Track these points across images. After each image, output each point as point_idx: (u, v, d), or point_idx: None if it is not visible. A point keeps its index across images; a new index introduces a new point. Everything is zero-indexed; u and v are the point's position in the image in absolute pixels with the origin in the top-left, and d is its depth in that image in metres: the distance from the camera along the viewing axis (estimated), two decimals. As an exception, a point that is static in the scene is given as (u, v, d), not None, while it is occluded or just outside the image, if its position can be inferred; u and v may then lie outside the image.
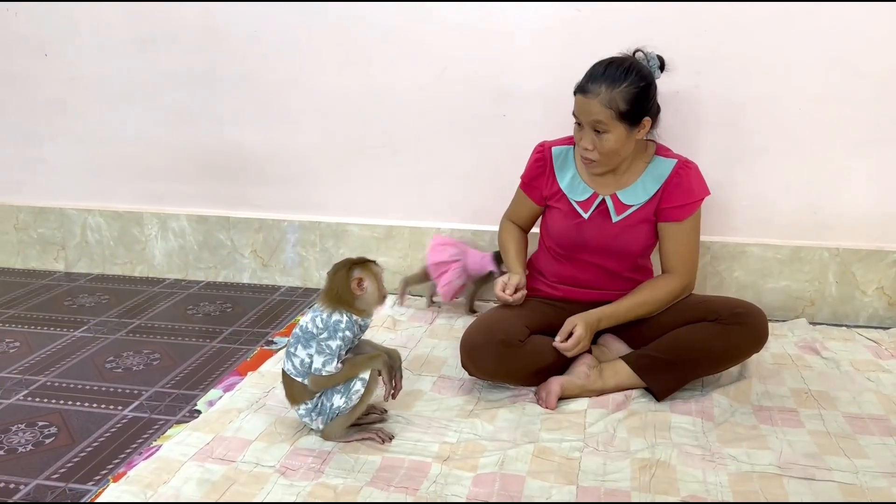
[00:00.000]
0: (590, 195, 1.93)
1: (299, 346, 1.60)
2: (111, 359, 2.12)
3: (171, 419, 1.78)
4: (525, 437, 1.66)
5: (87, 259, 2.91)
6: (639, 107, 1.79)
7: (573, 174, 1.96)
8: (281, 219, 2.73)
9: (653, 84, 1.84)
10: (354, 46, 2.51)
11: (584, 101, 1.79)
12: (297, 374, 1.60)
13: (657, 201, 1.90)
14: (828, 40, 2.22)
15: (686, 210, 1.89)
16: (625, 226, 1.91)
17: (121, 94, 2.72)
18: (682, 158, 1.92)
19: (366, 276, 1.61)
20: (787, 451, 1.61)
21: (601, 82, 1.77)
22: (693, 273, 1.95)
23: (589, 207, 1.93)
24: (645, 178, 1.91)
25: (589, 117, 1.79)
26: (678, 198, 1.88)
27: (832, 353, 2.13)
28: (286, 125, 2.64)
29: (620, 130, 1.79)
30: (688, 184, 1.89)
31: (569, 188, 1.95)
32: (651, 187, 1.90)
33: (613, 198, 1.92)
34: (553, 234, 1.99)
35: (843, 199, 2.36)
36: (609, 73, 1.78)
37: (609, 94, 1.75)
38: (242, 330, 2.35)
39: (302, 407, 1.63)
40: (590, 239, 1.92)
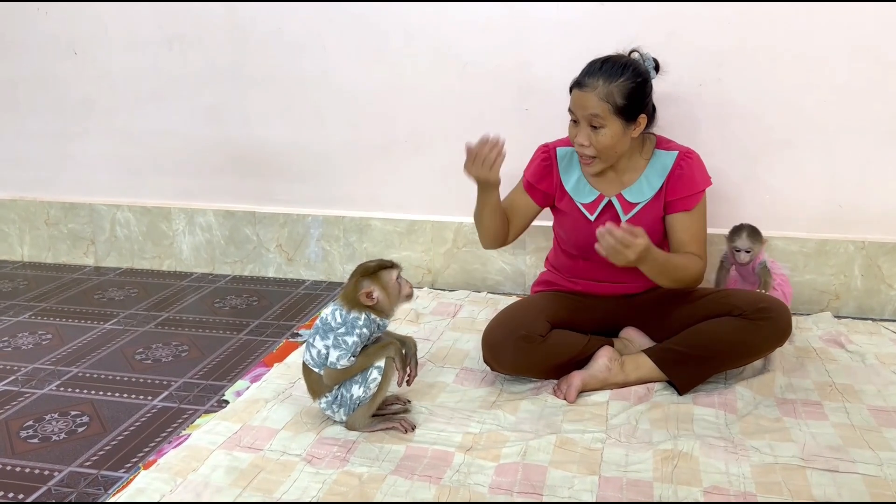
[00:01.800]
0: (595, 197, 1.92)
1: (317, 337, 1.63)
2: (140, 350, 2.17)
3: (200, 409, 1.81)
4: (547, 428, 1.67)
5: (117, 253, 2.96)
6: (635, 102, 1.78)
7: (578, 176, 1.94)
8: (306, 213, 2.76)
9: (649, 82, 1.84)
10: (379, 42, 2.53)
11: (580, 96, 1.79)
12: (314, 365, 1.63)
13: (663, 195, 1.89)
14: (853, 30, 2.20)
15: (692, 200, 1.88)
16: (635, 224, 1.87)
17: (149, 91, 2.77)
18: (682, 148, 1.90)
19: (375, 288, 1.62)
20: (811, 444, 1.61)
21: (598, 76, 1.77)
22: (706, 258, 1.90)
23: (595, 209, 1.92)
24: (648, 173, 1.89)
25: (585, 111, 1.78)
26: (683, 189, 1.87)
27: (857, 347, 2.12)
28: (311, 121, 2.67)
29: (617, 125, 1.78)
30: (690, 173, 1.87)
31: (574, 190, 1.94)
32: (655, 182, 1.88)
33: (619, 198, 1.90)
34: (567, 239, 1.99)
35: (868, 192, 2.34)
36: (606, 69, 1.78)
37: (606, 87, 1.75)
38: (268, 323, 2.38)
39: (323, 400, 1.66)
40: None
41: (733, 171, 2.36)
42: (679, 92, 2.22)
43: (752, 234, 2.07)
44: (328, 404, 1.66)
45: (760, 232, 2.09)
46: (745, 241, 2.07)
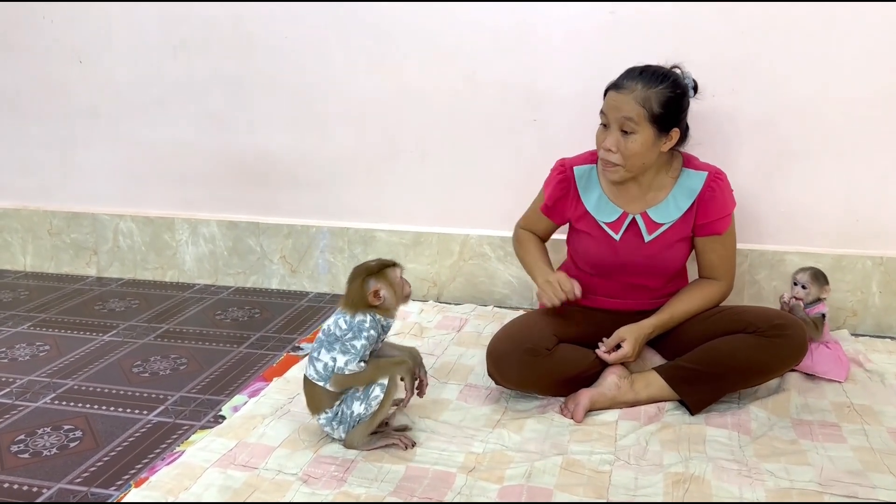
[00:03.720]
0: (619, 215, 1.85)
1: (322, 350, 1.58)
2: (138, 363, 2.12)
3: (196, 424, 1.77)
4: (553, 449, 1.61)
5: (119, 264, 2.93)
6: (671, 113, 1.73)
7: (599, 194, 1.88)
8: (310, 225, 2.72)
9: (687, 96, 1.78)
10: (386, 51, 2.50)
11: (616, 97, 1.73)
12: (319, 378, 1.58)
13: (692, 217, 1.83)
14: (871, 39, 2.14)
15: (723, 223, 1.84)
16: (660, 245, 1.84)
17: (153, 99, 2.74)
18: (712, 169, 1.84)
19: (382, 286, 1.59)
20: (829, 468, 1.54)
21: (637, 80, 1.72)
22: (733, 278, 1.92)
23: (619, 228, 1.85)
24: (675, 193, 1.83)
25: (619, 113, 1.72)
26: (714, 211, 1.82)
27: (875, 366, 2.05)
28: (317, 130, 2.63)
29: (648, 133, 1.72)
30: (721, 196, 1.82)
31: (596, 209, 1.87)
32: (683, 203, 1.82)
33: (644, 216, 1.84)
34: (586, 258, 1.91)
35: (886, 206, 2.27)
36: (646, 75, 1.73)
37: (644, 92, 1.70)
38: (270, 335, 2.33)
39: (322, 416, 1.60)
40: (626, 261, 1.85)
41: (747, 184, 2.30)
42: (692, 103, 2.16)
43: (816, 275, 2.01)
44: (328, 421, 1.60)
45: (827, 280, 2.02)
46: (805, 276, 2.01)
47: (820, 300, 2.00)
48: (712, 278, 1.90)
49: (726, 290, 1.90)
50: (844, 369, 1.96)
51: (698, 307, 1.86)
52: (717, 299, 1.89)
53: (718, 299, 1.89)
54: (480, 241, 2.58)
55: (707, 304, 1.87)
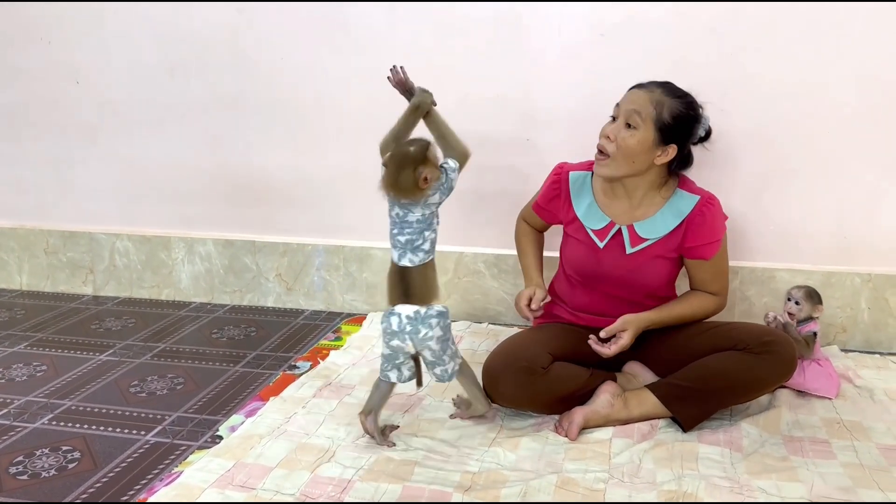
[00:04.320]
0: (606, 224, 1.90)
1: (414, 236, 1.68)
2: (136, 383, 2.13)
3: (193, 444, 1.78)
4: (548, 468, 1.63)
5: (115, 282, 2.94)
6: (677, 127, 1.79)
7: (590, 202, 1.93)
8: (306, 243, 2.74)
9: (699, 122, 1.84)
10: (381, 71, 2.51)
11: (635, 93, 1.82)
12: (419, 260, 1.69)
13: (679, 238, 1.87)
14: (859, 60, 2.18)
15: (712, 248, 1.88)
16: (640, 260, 1.88)
17: (150, 119, 2.76)
18: (704, 194, 1.88)
19: (428, 171, 1.63)
20: (819, 484, 1.56)
21: (661, 87, 1.81)
22: (727, 293, 1.97)
23: (605, 236, 1.90)
24: (664, 212, 1.87)
25: (630, 106, 1.79)
26: (703, 236, 1.86)
27: (865, 382, 2.08)
28: (312, 149, 2.66)
29: (649, 135, 1.78)
30: (712, 221, 1.86)
31: (585, 216, 1.93)
32: (671, 222, 1.87)
33: (630, 228, 1.89)
34: (571, 263, 1.97)
35: (875, 223, 2.31)
36: (670, 86, 1.82)
37: (662, 97, 1.79)
38: (266, 354, 2.35)
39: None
40: (606, 269, 1.90)
41: (738, 203, 2.33)
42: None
43: (810, 293, 2.04)
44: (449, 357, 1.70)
45: (821, 299, 2.05)
46: (799, 293, 2.03)
47: (812, 318, 2.03)
48: (705, 292, 1.94)
49: (721, 303, 1.96)
50: (835, 386, 1.99)
51: (692, 313, 1.91)
52: (711, 310, 1.94)
53: (713, 310, 1.94)
54: (475, 259, 2.60)
55: (701, 312, 1.92)
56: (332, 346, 2.38)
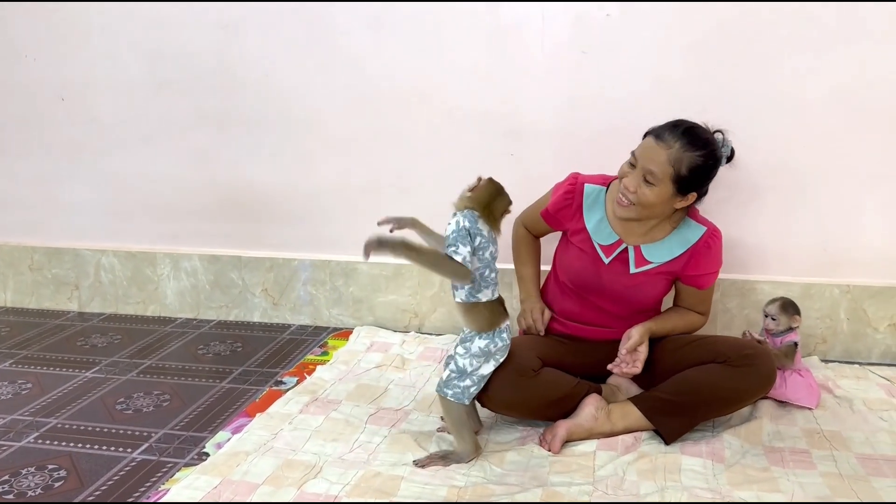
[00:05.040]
0: (614, 241, 1.92)
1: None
2: (122, 400, 2.13)
3: (180, 462, 1.78)
4: (534, 481, 1.65)
5: (101, 299, 2.94)
6: (696, 180, 1.80)
7: (601, 217, 1.94)
8: (292, 258, 2.75)
9: (718, 166, 1.84)
10: (366, 86, 2.55)
11: (652, 147, 1.78)
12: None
13: (681, 264, 1.91)
14: (836, 75, 2.23)
15: (710, 279, 1.95)
16: (642, 280, 1.92)
17: (136, 136, 2.77)
18: (710, 226, 1.92)
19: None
20: (799, 494, 1.59)
21: (678, 139, 1.76)
22: (709, 313, 2.05)
23: (611, 253, 1.92)
24: (672, 239, 1.91)
25: (647, 164, 1.77)
26: (705, 266, 1.92)
27: (845, 392, 2.11)
28: (299, 165, 2.67)
29: (667, 190, 1.78)
30: (716, 254, 1.92)
31: (595, 230, 1.94)
32: (676, 249, 1.90)
33: (637, 249, 1.91)
34: (570, 271, 1.99)
35: (853, 236, 2.35)
36: (690, 136, 1.77)
37: (679, 153, 1.75)
38: (252, 370, 2.35)
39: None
40: (606, 284, 1.93)
41: (718, 215, 2.34)
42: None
43: (784, 305, 2.07)
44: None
45: (797, 309, 2.08)
46: (773, 308, 2.07)
47: (791, 329, 2.06)
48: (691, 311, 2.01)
49: (706, 321, 2.04)
50: (815, 396, 2.02)
51: (684, 327, 1.98)
52: (697, 326, 2.01)
53: (699, 327, 2.02)
54: (460, 273, 2.61)
55: (690, 328, 1.99)
56: (319, 360, 2.39)
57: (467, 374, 1.71)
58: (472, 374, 1.72)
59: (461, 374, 1.71)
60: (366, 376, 2.25)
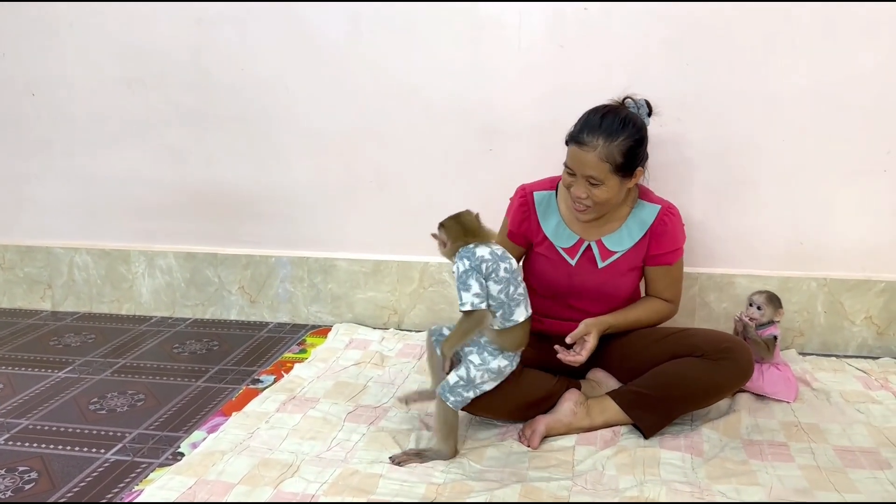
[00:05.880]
0: (575, 241, 1.92)
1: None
2: (95, 400, 2.10)
3: (155, 462, 1.75)
4: (513, 477, 1.64)
5: (74, 298, 2.89)
6: (634, 159, 1.79)
7: (558, 221, 1.94)
8: (269, 255, 2.73)
9: (646, 135, 1.84)
10: (344, 83, 2.52)
11: (579, 153, 1.76)
12: None
13: (644, 248, 1.91)
14: (812, 72, 2.24)
15: (674, 256, 1.93)
16: (612, 273, 1.91)
17: (109, 133, 2.72)
18: (665, 203, 1.92)
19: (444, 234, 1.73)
20: (777, 487, 1.59)
21: (598, 135, 1.74)
22: (680, 299, 2.03)
23: (575, 254, 1.92)
24: (629, 223, 1.91)
25: (584, 171, 1.76)
26: (666, 244, 1.91)
27: (822, 385, 2.12)
28: (275, 162, 2.64)
29: (614, 182, 1.78)
30: (673, 230, 1.91)
31: (554, 235, 1.94)
32: (636, 233, 1.90)
33: (599, 244, 1.91)
34: (542, 280, 1.98)
35: (830, 230, 2.36)
36: (606, 126, 1.76)
37: (607, 147, 1.74)
38: (228, 368, 2.32)
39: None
40: (578, 286, 1.93)
41: (695, 211, 2.37)
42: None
43: (771, 298, 2.08)
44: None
45: (780, 303, 2.09)
46: (761, 298, 2.07)
47: (773, 322, 2.07)
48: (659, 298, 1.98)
49: (674, 309, 2.02)
50: (793, 390, 2.03)
51: (647, 318, 1.95)
52: (664, 315, 1.99)
53: (666, 316, 2.00)
54: (440, 268, 2.60)
55: (655, 317, 1.97)
56: (297, 358, 2.37)
57: (473, 386, 1.70)
58: (478, 386, 1.70)
59: (468, 384, 1.69)
60: (344, 374, 2.23)
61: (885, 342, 2.39)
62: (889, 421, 1.90)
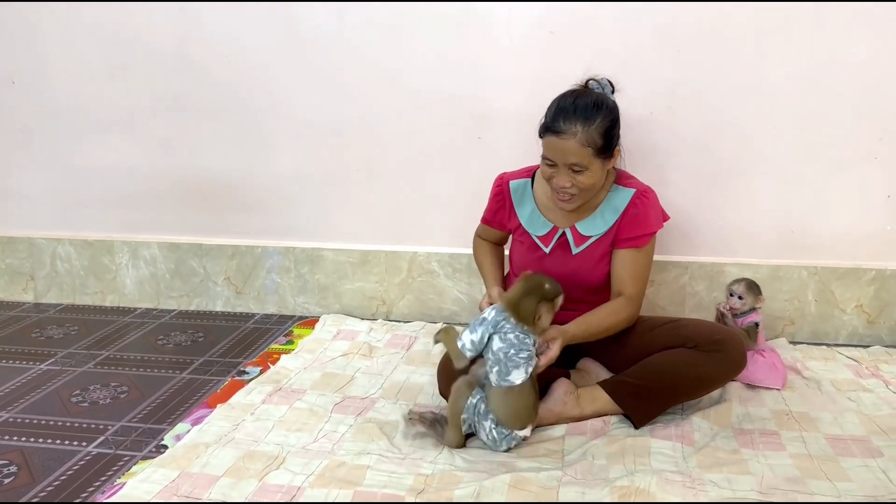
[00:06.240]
0: (550, 229, 1.90)
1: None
2: (77, 392, 2.06)
3: (137, 455, 1.72)
4: (502, 467, 1.61)
5: (57, 289, 2.85)
6: (612, 139, 1.76)
7: (532, 209, 1.92)
8: (255, 245, 2.69)
9: (618, 110, 1.81)
10: (330, 71, 2.49)
11: (558, 142, 1.72)
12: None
13: (615, 230, 1.87)
14: (803, 61, 2.22)
15: (641, 240, 1.86)
16: (585, 257, 1.88)
17: (92, 122, 2.68)
18: (641, 187, 1.88)
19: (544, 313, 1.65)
20: (769, 476, 1.58)
21: (574, 120, 1.71)
22: (640, 301, 1.89)
23: (549, 241, 1.90)
24: (603, 208, 1.87)
25: (566, 159, 1.72)
26: (634, 228, 1.85)
27: (813, 373, 2.11)
28: (262, 151, 2.60)
29: (597, 165, 1.75)
30: (644, 214, 1.85)
31: (528, 223, 1.92)
32: (609, 218, 1.87)
33: (573, 230, 1.89)
34: (517, 268, 1.97)
35: (820, 218, 2.35)
36: (580, 111, 1.72)
37: (586, 132, 1.70)
38: (214, 360, 2.29)
39: None
40: (552, 272, 1.87)
41: (685, 199, 2.35)
42: (630, 120, 2.20)
43: (750, 286, 2.05)
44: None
45: (760, 290, 2.07)
46: (740, 287, 2.05)
47: (754, 310, 2.06)
48: (620, 292, 1.87)
49: (633, 311, 1.86)
50: (780, 376, 2.01)
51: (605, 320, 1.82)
52: (623, 316, 1.84)
53: (625, 317, 1.84)
54: (429, 258, 2.58)
55: (614, 318, 1.83)
56: (284, 349, 2.34)
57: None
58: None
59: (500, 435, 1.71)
60: (331, 365, 2.20)
61: (875, 330, 2.38)
62: (880, 409, 1.89)
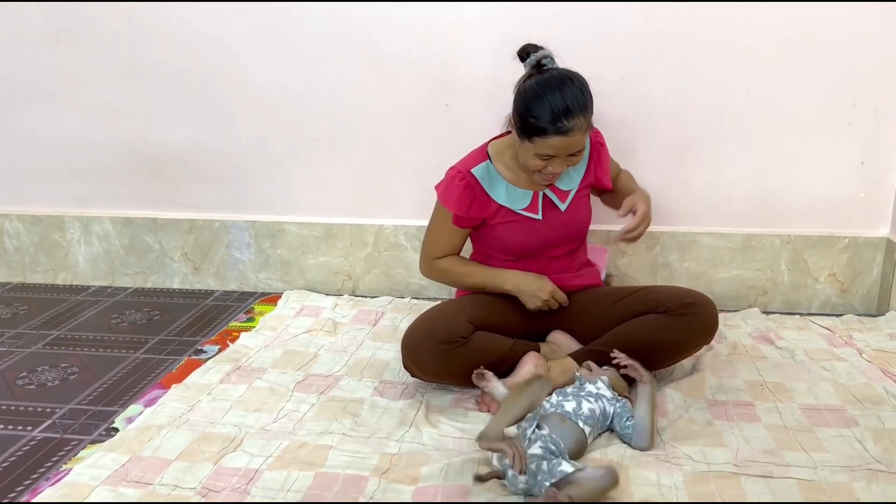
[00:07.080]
0: (531, 197, 1.85)
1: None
2: (24, 374, 1.96)
3: (86, 439, 1.63)
4: (472, 445, 1.55)
5: (6, 267, 2.72)
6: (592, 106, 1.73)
7: (506, 186, 1.85)
8: (213, 219, 2.58)
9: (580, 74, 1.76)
10: (290, 37, 2.37)
11: (565, 140, 1.67)
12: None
13: (591, 173, 1.91)
14: (775, 25, 2.16)
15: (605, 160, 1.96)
16: (573, 209, 1.89)
17: (36, 90, 2.54)
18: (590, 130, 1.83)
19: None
20: (744, 448, 1.54)
21: (576, 115, 1.65)
22: None
23: (537, 208, 1.85)
24: None
25: (570, 150, 1.70)
26: (605, 155, 1.94)
27: (786, 343, 2.07)
28: (218, 121, 2.49)
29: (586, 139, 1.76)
30: (605, 145, 1.94)
31: (509, 200, 1.84)
32: (581, 166, 1.89)
33: (553, 189, 1.86)
34: (509, 249, 1.88)
35: (793, 186, 2.31)
36: (576, 104, 1.65)
37: (587, 120, 1.69)
38: (170, 339, 2.19)
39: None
40: (548, 235, 1.86)
41: (657, 166, 2.30)
42: (601, 86, 2.13)
43: None
44: None
45: None
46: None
47: None
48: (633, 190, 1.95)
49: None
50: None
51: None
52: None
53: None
54: (395, 231, 2.50)
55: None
56: (244, 327, 2.25)
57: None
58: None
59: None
60: (294, 342, 2.11)
61: (848, 299, 2.36)
62: (854, 378, 1.86)
